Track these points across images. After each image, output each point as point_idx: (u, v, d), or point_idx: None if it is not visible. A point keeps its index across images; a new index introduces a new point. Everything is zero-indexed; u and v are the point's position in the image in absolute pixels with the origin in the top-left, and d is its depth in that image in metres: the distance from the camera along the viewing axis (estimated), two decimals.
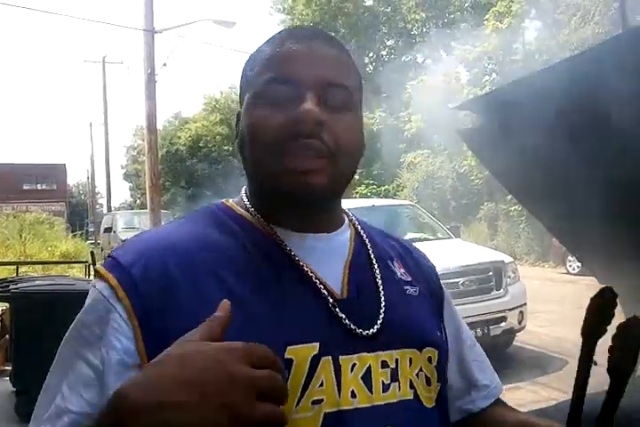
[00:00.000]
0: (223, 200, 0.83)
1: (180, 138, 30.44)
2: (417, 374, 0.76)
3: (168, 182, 29.51)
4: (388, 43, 25.54)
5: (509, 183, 2.01)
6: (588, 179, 1.76)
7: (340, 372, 0.69)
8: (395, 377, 0.73)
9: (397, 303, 0.78)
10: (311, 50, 0.74)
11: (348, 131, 0.73)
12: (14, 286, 4.40)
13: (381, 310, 0.75)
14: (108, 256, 0.73)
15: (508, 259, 5.82)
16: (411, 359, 0.75)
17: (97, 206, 36.48)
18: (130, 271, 0.68)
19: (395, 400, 0.72)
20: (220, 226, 0.76)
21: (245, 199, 0.80)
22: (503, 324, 5.30)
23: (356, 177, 19.02)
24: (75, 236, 18.94)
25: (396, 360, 0.74)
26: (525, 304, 5.58)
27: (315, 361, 0.68)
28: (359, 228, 0.85)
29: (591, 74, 1.57)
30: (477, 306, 5.21)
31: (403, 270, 0.84)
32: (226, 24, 11.62)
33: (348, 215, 0.86)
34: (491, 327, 5.18)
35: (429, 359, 0.78)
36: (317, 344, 0.68)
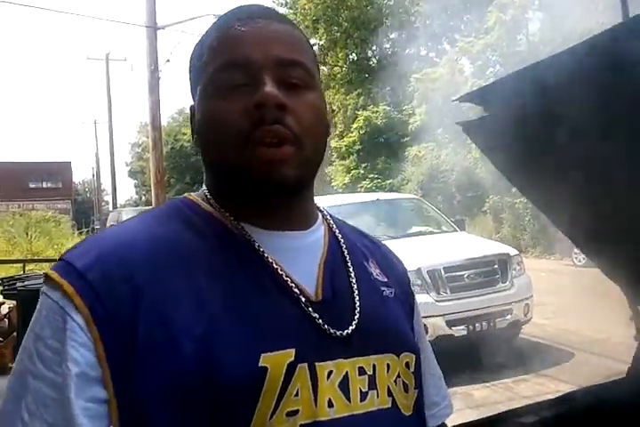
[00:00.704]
0: (186, 195, 0.77)
1: (184, 134, 30.45)
2: (395, 381, 0.72)
3: (173, 179, 29.56)
4: (392, 36, 25.42)
5: (512, 176, 2.00)
6: (591, 170, 1.75)
7: (317, 380, 0.64)
8: (372, 385, 0.69)
9: (374, 305, 0.74)
10: (260, 29, 0.70)
11: (310, 111, 0.69)
12: (21, 284, 4.43)
13: (357, 308, 0.71)
14: (60, 259, 0.66)
15: (513, 251, 5.80)
16: (388, 365, 0.71)
17: (103, 204, 36.61)
18: (86, 276, 0.62)
19: (374, 409, 0.68)
20: (185, 223, 0.70)
21: (209, 195, 0.74)
22: (509, 316, 5.29)
23: (361, 171, 19.03)
24: (81, 233, 18.97)
25: (374, 366, 0.70)
26: (531, 297, 5.57)
27: (290, 369, 0.63)
28: (333, 225, 0.80)
29: (594, 63, 1.56)
30: (483, 299, 5.21)
31: (378, 271, 0.80)
32: None
33: (321, 212, 0.81)
34: (496, 320, 5.18)
35: (407, 365, 0.74)
36: (293, 351, 0.64)
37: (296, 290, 0.68)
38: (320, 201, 0.81)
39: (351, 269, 0.75)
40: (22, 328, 4.25)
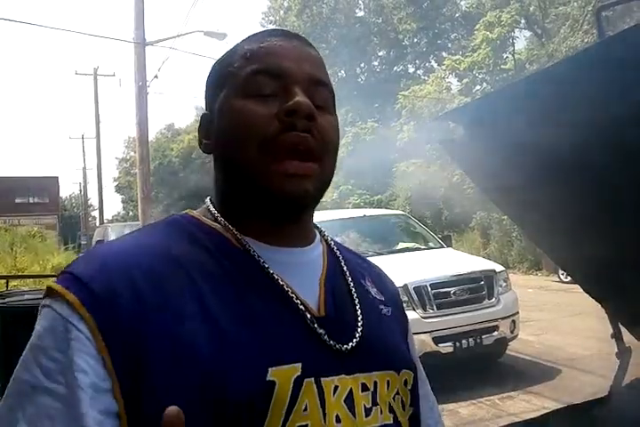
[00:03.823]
0: (187, 211, 0.76)
1: (172, 150, 30.46)
2: (394, 398, 0.72)
3: (161, 194, 29.47)
4: (380, 53, 25.71)
5: (491, 193, 2.01)
6: (570, 188, 1.76)
7: (324, 395, 0.64)
8: (375, 401, 0.69)
9: (374, 322, 0.74)
10: (296, 47, 0.72)
11: (332, 130, 0.72)
12: (2, 301, 4.36)
13: (359, 324, 0.71)
14: (62, 272, 0.65)
15: (499, 268, 5.81)
16: (388, 382, 0.72)
17: (90, 219, 36.38)
18: (91, 286, 0.61)
19: (378, 425, 0.68)
20: (188, 238, 0.70)
21: (213, 210, 0.74)
22: (495, 333, 5.27)
23: (349, 187, 19.11)
24: (67, 249, 18.84)
25: (375, 383, 0.70)
26: (517, 313, 5.57)
27: (298, 383, 0.62)
28: (332, 243, 0.81)
29: (570, 83, 1.58)
30: (469, 315, 5.20)
31: (375, 289, 0.80)
32: (217, 36, 11.66)
33: (319, 230, 0.82)
34: (483, 337, 5.16)
35: (405, 382, 0.74)
36: (300, 365, 0.63)
37: (301, 306, 0.67)
38: None
39: (352, 286, 0.75)
40: (3, 346, 4.17)
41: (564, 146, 1.50)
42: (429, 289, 5.15)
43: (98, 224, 25.44)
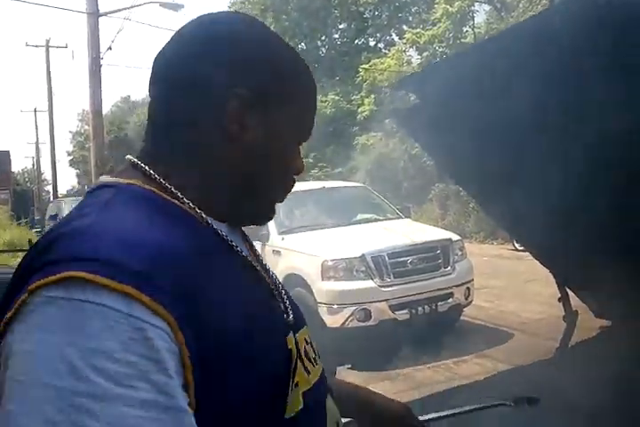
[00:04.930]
0: (139, 184, 0.68)
1: (129, 123, 29.71)
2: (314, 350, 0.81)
3: (117, 168, 28.79)
4: (341, 26, 25.40)
5: (443, 163, 2.06)
6: (517, 155, 1.81)
7: (299, 352, 0.72)
8: (314, 351, 0.79)
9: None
10: None
11: None
12: None
13: (280, 286, 0.80)
14: (83, 258, 0.55)
15: (455, 237, 5.95)
16: (309, 335, 0.80)
17: (44, 194, 35.44)
18: (153, 278, 0.56)
19: (319, 371, 0.77)
20: (183, 223, 0.66)
21: (172, 187, 0.69)
22: (450, 300, 5.43)
23: (310, 160, 19.07)
24: (19, 224, 18.33)
25: (309, 336, 0.79)
26: (472, 280, 5.74)
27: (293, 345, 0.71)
28: None
29: (521, 49, 1.62)
30: (425, 283, 5.33)
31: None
32: (173, 7, 11.32)
33: None
34: (438, 304, 5.32)
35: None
36: (292, 332, 0.72)
37: (268, 280, 0.76)
38: None
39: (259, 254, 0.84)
40: None
41: (518, 112, 1.54)
42: (387, 258, 5.25)
43: (52, 199, 24.83)
